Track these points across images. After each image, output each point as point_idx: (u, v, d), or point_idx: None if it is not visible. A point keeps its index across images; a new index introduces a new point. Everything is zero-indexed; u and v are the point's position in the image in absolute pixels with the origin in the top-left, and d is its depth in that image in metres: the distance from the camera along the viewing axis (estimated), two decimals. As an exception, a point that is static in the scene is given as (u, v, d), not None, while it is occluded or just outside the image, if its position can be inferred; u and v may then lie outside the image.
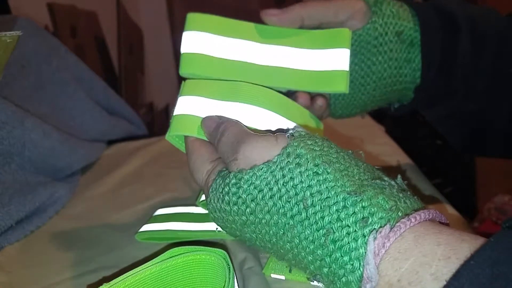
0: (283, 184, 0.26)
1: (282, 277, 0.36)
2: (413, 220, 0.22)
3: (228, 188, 0.28)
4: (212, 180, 0.30)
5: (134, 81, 1.63)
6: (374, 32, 0.38)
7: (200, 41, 0.36)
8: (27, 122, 0.50)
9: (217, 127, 0.31)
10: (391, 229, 0.22)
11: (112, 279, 0.31)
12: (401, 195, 0.24)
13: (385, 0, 0.39)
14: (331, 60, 0.36)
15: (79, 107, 0.65)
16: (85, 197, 0.54)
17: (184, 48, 0.36)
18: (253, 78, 0.36)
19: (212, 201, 0.29)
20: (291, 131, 0.29)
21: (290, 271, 0.36)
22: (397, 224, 0.22)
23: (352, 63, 0.39)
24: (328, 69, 0.36)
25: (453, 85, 0.40)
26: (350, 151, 0.28)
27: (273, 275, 0.37)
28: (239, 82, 0.34)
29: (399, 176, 0.26)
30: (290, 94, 0.38)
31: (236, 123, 0.31)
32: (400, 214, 0.22)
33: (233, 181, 0.27)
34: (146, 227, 0.43)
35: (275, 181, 0.26)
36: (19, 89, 0.54)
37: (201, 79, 0.35)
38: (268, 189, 0.26)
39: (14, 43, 0.46)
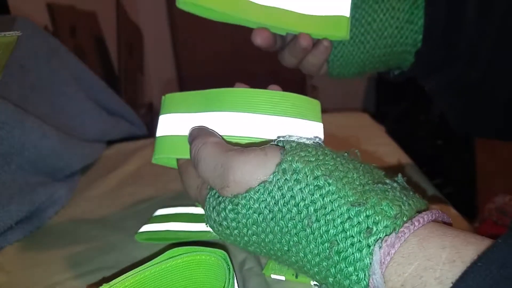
0: (283, 204, 0.24)
1: (282, 278, 0.36)
2: (416, 224, 0.22)
3: (225, 213, 0.26)
4: (205, 195, 0.29)
5: (133, 81, 1.63)
6: None
7: None
8: (26, 123, 0.50)
9: (191, 148, 0.29)
10: (395, 235, 0.21)
11: (112, 279, 0.30)
12: (404, 197, 0.23)
13: None
14: (332, 5, 0.36)
15: (79, 107, 0.65)
16: (85, 197, 0.54)
17: None
18: (253, 16, 0.36)
19: (209, 221, 0.28)
20: (280, 143, 0.27)
21: (296, 277, 0.36)
22: (401, 229, 0.21)
23: (352, 18, 0.38)
24: (330, 14, 0.36)
25: (457, 51, 0.39)
26: (345, 153, 0.27)
27: (273, 276, 0.37)
28: (215, 89, 0.33)
29: (399, 175, 0.26)
30: (292, 38, 0.38)
31: (206, 141, 0.28)
32: (405, 219, 0.22)
33: (230, 207, 0.26)
34: (146, 228, 0.43)
35: (274, 202, 0.25)
36: (19, 89, 0.54)
37: (180, 94, 0.34)
38: (268, 211, 0.25)
39: (14, 43, 0.46)
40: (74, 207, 0.52)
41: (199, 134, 0.30)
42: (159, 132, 0.33)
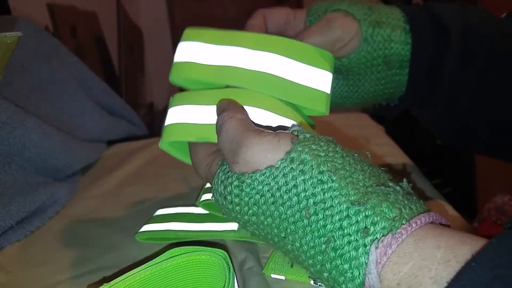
0: (285, 191, 0.25)
1: (282, 277, 0.36)
2: (414, 225, 0.22)
3: (230, 188, 0.28)
4: (214, 170, 0.30)
5: (134, 81, 1.63)
6: (362, 59, 0.39)
7: (191, 50, 0.36)
8: (27, 123, 0.50)
9: (218, 118, 0.31)
10: (392, 236, 0.22)
11: (112, 279, 0.31)
12: (406, 201, 0.24)
13: (378, 24, 0.38)
14: (315, 79, 0.36)
15: (79, 107, 0.65)
16: (85, 197, 0.54)
17: (177, 57, 0.37)
18: (238, 82, 0.35)
19: (215, 194, 0.30)
20: (295, 131, 0.28)
21: (292, 266, 0.36)
22: (399, 230, 0.22)
23: (340, 81, 0.41)
24: (312, 87, 0.36)
25: (436, 98, 0.41)
26: (356, 154, 0.28)
27: (273, 275, 0.37)
28: (227, 88, 0.34)
29: (404, 180, 0.26)
30: None
31: (234, 115, 0.30)
32: (404, 222, 0.22)
33: (235, 183, 0.27)
34: (146, 227, 0.43)
35: (277, 188, 0.25)
36: (19, 89, 0.54)
37: (188, 90, 0.36)
38: (270, 195, 0.26)
39: (15, 43, 0.46)
40: (75, 207, 0.52)
41: (229, 107, 0.31)
42: (167, 122, 0.34)
